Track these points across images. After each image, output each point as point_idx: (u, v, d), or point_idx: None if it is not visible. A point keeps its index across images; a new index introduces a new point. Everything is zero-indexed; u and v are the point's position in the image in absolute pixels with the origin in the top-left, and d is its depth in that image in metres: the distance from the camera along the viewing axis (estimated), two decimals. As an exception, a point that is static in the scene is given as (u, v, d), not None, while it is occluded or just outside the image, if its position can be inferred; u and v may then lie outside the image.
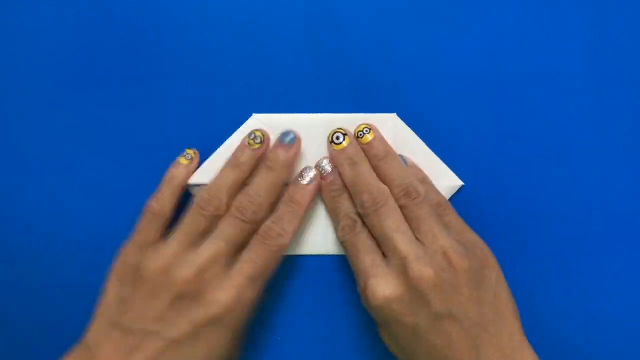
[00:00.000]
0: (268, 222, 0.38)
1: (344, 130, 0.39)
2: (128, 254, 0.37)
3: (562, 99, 0.41)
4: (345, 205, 0.39)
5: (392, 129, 0.40)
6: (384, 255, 0.37)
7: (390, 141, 0.40)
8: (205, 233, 0.37)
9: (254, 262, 0.37)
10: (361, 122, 0.40)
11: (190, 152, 0.40)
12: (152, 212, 0.38)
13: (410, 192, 0.37)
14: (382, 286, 0.35)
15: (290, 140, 0.39)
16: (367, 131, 0.39)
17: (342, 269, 0.41)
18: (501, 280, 0.36)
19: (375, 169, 0.39)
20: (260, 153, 0.39)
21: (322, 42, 0.41)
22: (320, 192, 0.40)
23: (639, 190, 0.41)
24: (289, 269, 0.40)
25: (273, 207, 0.39)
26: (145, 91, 0.41)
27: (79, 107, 0.41)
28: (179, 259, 0.36)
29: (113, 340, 0.35)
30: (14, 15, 0.41)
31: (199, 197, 0.38)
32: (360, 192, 0.38)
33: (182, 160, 0.40)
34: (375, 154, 0.39)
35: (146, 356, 0.34)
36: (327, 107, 0.41)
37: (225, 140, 0.41)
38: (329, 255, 0.41)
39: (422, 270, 0.34)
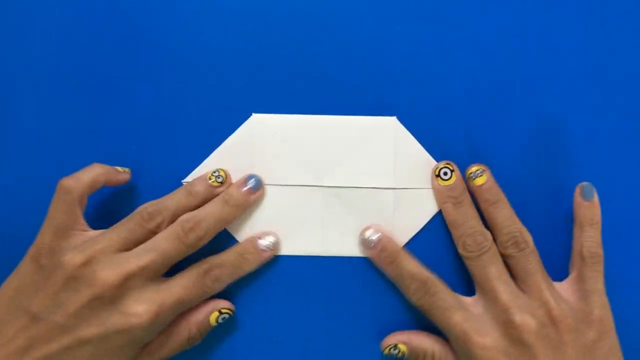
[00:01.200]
0: (216, 261, 0.38)
1: (452, 166, 0.39)
2: (43, 235, 0.36)
3: (563, 100, 0.40)
4: (407, 268, 0.38)
5: (392, 133, 0.40)
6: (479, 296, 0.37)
7: (389, 145, 0.40)
8: (138, 242, 0.37)
9: (187, 292, 0.37)
10: (473, 165, 0.39)
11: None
12: (61, 188, 0.36)
13: (519, 242, 0.37)
14: (488, 339, 0.35)
15: (254, 186, 0.39)
16: (480, 173, 0.38)
17: (340, 269, 0.41)
18: (615, 351, 0.36)
19: (483, 212, 0.38)
20: (217, 192, 0.39)
21: (322, 43, 0.40)
22: (372, 259, 0.39)
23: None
24: (288, 269, 0.41)
25: (213, 237, 0.38)
26: (145, 91, 0.41)
27: (78, 106, 0.41)
28: (106, 258, 0.35)
29: (17, 323, 0.34)
30: (13, 14, 0.41)
31: (143, 209, 0.37)
32: (464, 234, 0.37)
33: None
34: (486, 198, 0.38)
35: (50, 349, 0.34)
36: (326, 108, 0.40)
37: (225, 140, 0.41)
38: (326, 257, 0.41)
39: (525, 319, 0.35)
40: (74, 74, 0.41)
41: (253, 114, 0.41)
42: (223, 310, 0.39)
